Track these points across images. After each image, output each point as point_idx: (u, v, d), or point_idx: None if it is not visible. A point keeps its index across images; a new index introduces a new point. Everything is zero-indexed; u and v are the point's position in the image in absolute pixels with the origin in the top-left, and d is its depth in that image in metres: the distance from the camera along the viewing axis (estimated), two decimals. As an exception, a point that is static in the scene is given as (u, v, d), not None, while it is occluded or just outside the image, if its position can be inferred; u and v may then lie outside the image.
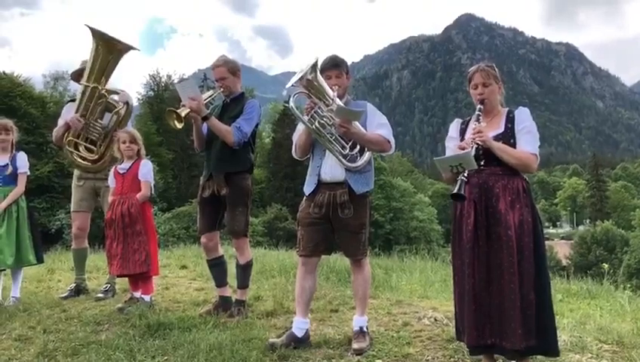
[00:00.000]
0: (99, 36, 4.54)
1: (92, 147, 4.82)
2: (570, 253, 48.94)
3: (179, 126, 3.92)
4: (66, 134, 4.80)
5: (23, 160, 4.90)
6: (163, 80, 48.15)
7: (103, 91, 4.68)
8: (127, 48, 4.68)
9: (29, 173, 4.97)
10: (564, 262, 45.44)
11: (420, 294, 5.14)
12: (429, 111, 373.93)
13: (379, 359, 3.25)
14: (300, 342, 3.44)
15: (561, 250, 50.19)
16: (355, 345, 3.36)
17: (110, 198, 4.54)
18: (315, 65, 3.34)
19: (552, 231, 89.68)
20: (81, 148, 4.82)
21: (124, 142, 4.53)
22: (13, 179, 4.82)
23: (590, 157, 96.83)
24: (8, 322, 4.11)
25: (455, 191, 2.74)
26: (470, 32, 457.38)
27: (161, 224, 28.75)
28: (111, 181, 4.59)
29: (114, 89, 4.85)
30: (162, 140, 40.37)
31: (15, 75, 34.42)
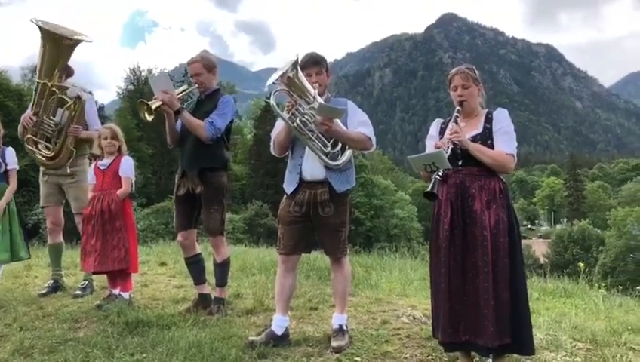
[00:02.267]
0: (44, 32, 4.42)
1: (48, 144, 4.74)
2: (548, 252, 49.65)
3: (149, 118, 3.89)
4: (25, 132, 4.75)
5: (11, 155, 4.85)
6: (144, 74, 47.71)
7: (54, 88, 4.57)
8: (75, 43, 4.55)
9: (17, 168, 4.92)
10: (542, 261, 46.10)
11: (399, 292, 5.17)
12: (410, 110, 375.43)
13: (357, 357, 3.27)
14: (280, 340, 3.45)
15: (538, 248, 50.89)
16: (334, 343, 3.38)
17: (90, 194, 4.50)
18: (295, 63, 3.32)
19: (530, 229, 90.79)
20: (40, 146, 4.75)
21: (105, 138, 4.49)
22: (2, 175, 4.76)
23: (568, 157, 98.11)
24: (-16, 319, 4.06)
25: (428, 189, 2.77)
26: (452, 31, 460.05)
27: (141, 219, 28.54)
28: (91, 177, 4.55)
29: (65, 84, 4.72)
30: (142, 135, 40.00)
31: (-9, 67, 33.84)
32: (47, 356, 3.28)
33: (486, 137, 3.01)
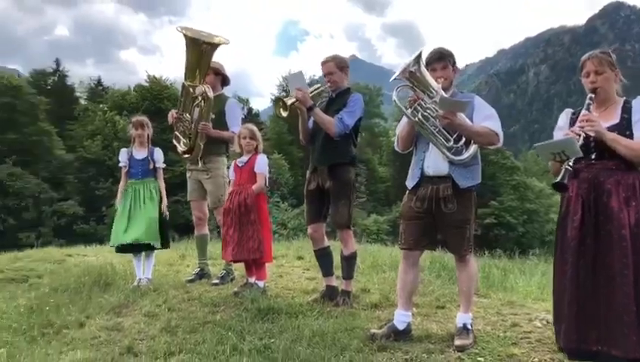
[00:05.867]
0: (186, 37, 4.76)
1: (186, 140, 5.15)
2: None
3: (284, 114, 4.12)
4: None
5: (159, 155, 5.42)
6: (295, 81, 49.72)
7: (190, 87, 4.92)
8: (214, 45, 4.80)
9: (164, 167, 5.48)
10: None
11: (536, 296, 4.87)
12: (570, 108, 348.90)
13: (481, 357, 3.17)
14: (401, 335, 3.46)
15: None
16: (457, 342, 3.32)
17: (230, 189, 4.86)
18: (418, 58, 3.31)
19: None
20: (181, 142, 5.19)
21: (244, 138, 4.81)
22: (151, 171, 5.33)
23: None
24: (140, 299, 4.59)
25: (558, 180, 2.59)
26: (618, 21, 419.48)
27: (291, 219, 29.74)
28: (231, 173, 4.91)
29: (195, 84, 4.94)
30: (293, 139, 41.71)
31: (163, 78, 37.48)
32: (189, 335, 3.64)
33: (624, 128, 2.75)
